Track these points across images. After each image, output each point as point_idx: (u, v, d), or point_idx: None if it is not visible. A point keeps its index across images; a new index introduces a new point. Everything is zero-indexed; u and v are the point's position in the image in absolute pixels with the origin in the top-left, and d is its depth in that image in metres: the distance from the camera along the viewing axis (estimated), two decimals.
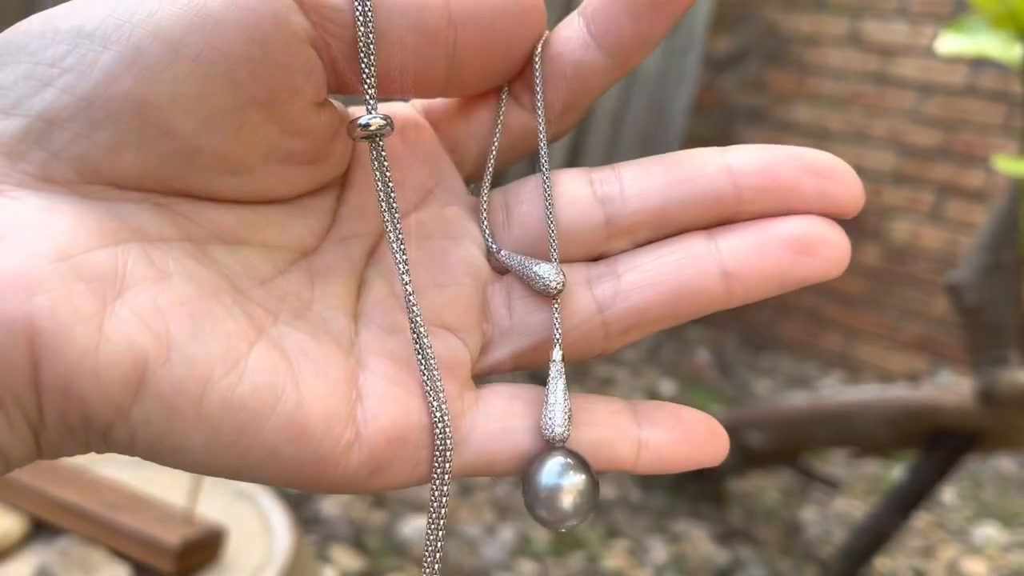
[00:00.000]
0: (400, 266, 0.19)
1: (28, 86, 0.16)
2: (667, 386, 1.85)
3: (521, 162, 0.23)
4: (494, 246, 0.21)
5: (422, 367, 0.19)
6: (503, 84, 0.21)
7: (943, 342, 1.96)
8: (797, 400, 1.32)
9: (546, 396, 0.20)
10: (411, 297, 0.19)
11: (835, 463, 1.59)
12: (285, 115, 0.17)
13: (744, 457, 1.32)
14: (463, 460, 0.19)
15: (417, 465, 0.19)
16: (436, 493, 0.19)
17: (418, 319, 0.19)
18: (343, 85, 0.19)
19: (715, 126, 2.26)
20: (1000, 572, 1.34)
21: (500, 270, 0.21)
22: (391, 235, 0.19)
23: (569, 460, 0.19)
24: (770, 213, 0.20)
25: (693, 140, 2.31)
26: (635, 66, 0.20)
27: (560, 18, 0.21)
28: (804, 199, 0.19)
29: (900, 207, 2.00)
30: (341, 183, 0.21)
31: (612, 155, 2.14)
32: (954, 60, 1.86)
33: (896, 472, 1.45)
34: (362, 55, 0.18)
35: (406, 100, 0.20)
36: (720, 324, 2.23)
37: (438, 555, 0.19)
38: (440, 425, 0.19)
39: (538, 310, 0.21)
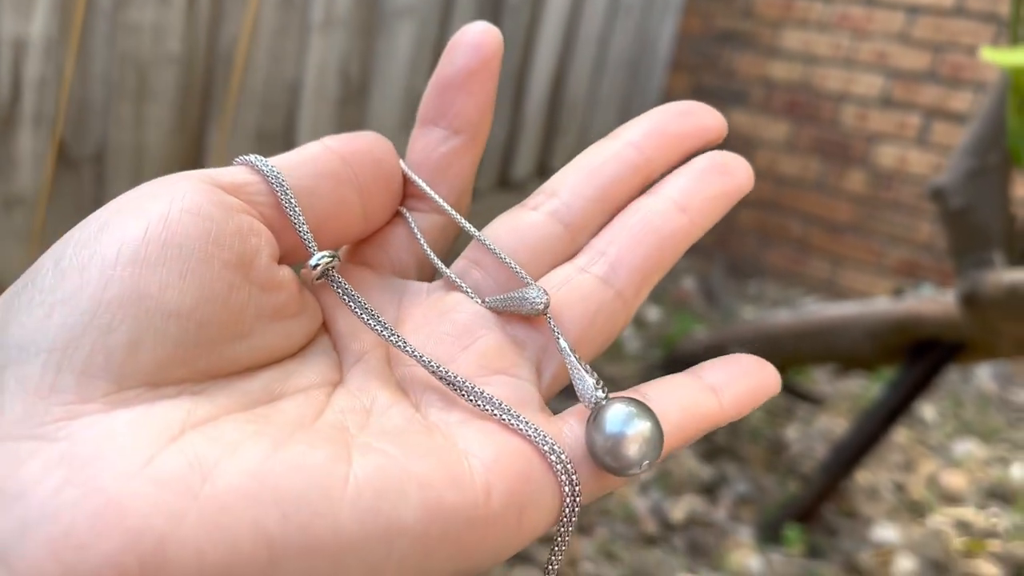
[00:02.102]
0: (416, 354, 0.21)
1: (29, 331, 0.17)
2: (653, 312, 1.85)
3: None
4: (477, 300, 0.23)
5: (496, 413, 0.20)
6: (399, 206, 0.24)
7: (928, 266, 1.97)
8: (781, 317, 1.32)
9: (571, 374, 0.21)
10: (444, 372, 0.21)
11: (818, 381, 1.61)
12: (257, 274, 0.19)
13: None
14: (584, 475, 0.20)
15: (550, 500, 0.19)
16: (567, 513, 0.19)
17: (460, 379, 0.21)
18: (287, 249, 0.21)
19: (701, 53, 2.23)
20: (979, 484, 1.37)
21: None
22: (385, 334, 0.21)
23: (633, 408, 0.20)
24: (674, 158, 0.24)
25: (679, 67, 2.28)
26: (488, 133, 0.24)
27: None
28: (688, 136, 0.24)
29: (887, 132, 1.99)
30: (324, 328, 0.22)
31: (598, 82, 2.11)
32: None
33: (877, 389, 1.47)
34: (287, 208, 0.20)
35: (336, 253, 0.22)
36: (706, 253, 2.23)
37: None
38: (551, 451, 0.19)
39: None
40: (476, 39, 0.23)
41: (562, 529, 0.19)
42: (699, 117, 0.25)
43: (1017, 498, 1.33)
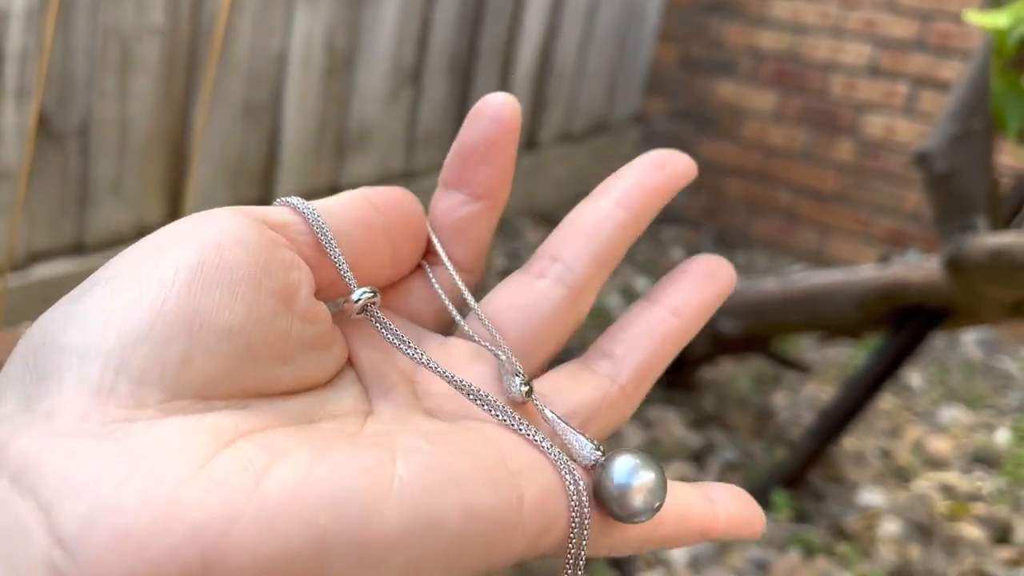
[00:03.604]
0: (450, 376, 0.22)
1: (89, 336, 0.17)
2: (641, 283, 1.86)
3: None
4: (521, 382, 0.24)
5: (523, 430, 0.21)
6: (422, 260, 0.25)
7: (915, 235, 1.98)
8: (767, 286, 1.33)
9: (564, 438, 0.22)
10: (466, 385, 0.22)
11: (805, 349, 1.62)
12: (298, 304, 0.20)
13: (717, 345, 1.34)
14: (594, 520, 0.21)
15: (563, 518, 0.20)
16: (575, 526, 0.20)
17: (491, 397, 0.22)
18: (322, 286, 0.22)
19: (689, 23, 2.22)
20: (964, 450, 1.38)
21: None
22: (423, 360, 0.22)
23: (638, 459, 0.21)
24: (657, 207, 0.26)
25: (667, 38, 2.27)
26: (507, 197, 0.25)
27: None
28: (667, 187, 0.26)
29: (875, 101, 1.99)
30: (349, 362, 0.23)
31: (585, 53, 2.10)
32: None
33: (864, 356, 1.48)
34: (328, 250, 0.21)
35: (376, 289, 0.23)
36: (694, 224, 2.23)
37: None
38: (568, 473, 0.20)
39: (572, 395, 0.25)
40: (496, 111, 0.24)
41: (570, 560, 0.21)
42: (674, 166, 0.27)
43: (1001, 462, 1.35)
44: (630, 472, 0.21)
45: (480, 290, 0.26)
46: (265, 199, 1.43)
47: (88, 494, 0.15)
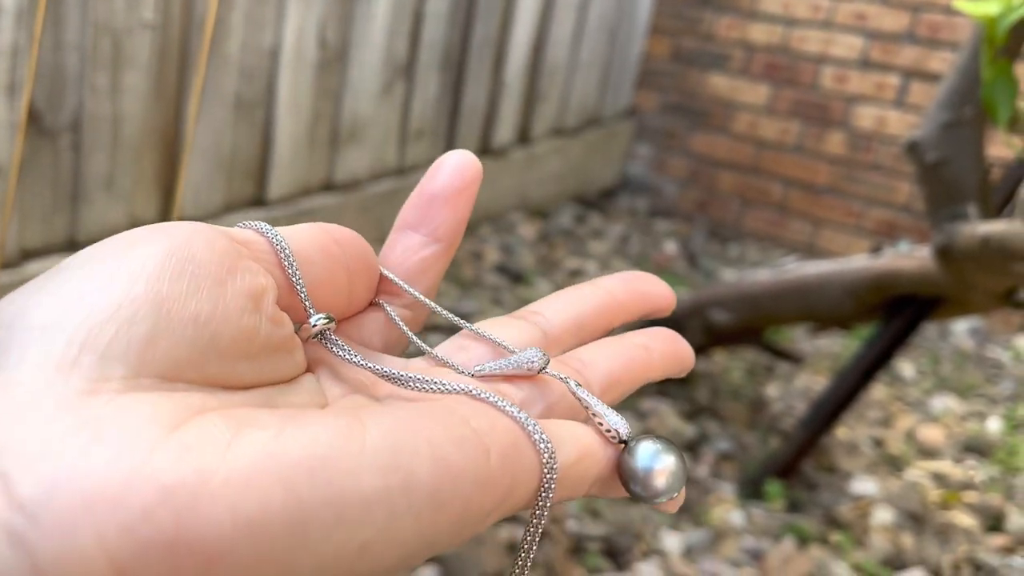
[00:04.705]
0: (416, 339, 0.24)
1: (56, 312, 0.17)
2: None
3: None
4: (466, 372, 0.25)
5: (488, 396, 0.22)
6: (375, 297, 0.26)
7: (906, 226, 1.99)
8: (760, 277, 1.33)
9: (594, 416, 0.23)
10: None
11: (798, 340, 1.62)
12: (265, 307, 0.20)
13: (710, 336, 1.34)
14: (559, 461, 0.21)
15: (533, 471, 0.21)
16: (542, 495, 0.21)
17: (455, 384, 0.22)
18: (283, 308, 0.22)
19: (681, 17, 2.23)
20: (956, 439, 1.39)
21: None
22: (386, 373, 0.23)
23: (659, 445, 0.22)
24: (636, 311, 0.29)
25: (659, 32, 2.27)
26: (459, 243, 0.27)
27: None
28: (648, 300, 0.29)
29: (866, 94, 2.00)
30: (308, 368, 0.24)
31: (578, 47, 2.10)
32: None
33: (856, 346, 1.49)
34: (288, 268, 0.22)
35: (332, 316, 0.24)
36: (687, 217, 2.24)
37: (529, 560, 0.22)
38: (535, 430, 0.21)
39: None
40: (459, 163, 0.26)
41: (537, 511, 0.21)
42: (659, 289, 0.30)
43: (993, 451, 1.36)
44: (653, 456, 0.22)
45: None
46: (258, 194, 1.43)
47: (49, 460, 0.15)
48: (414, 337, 0.26)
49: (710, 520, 1.13)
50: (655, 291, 0.30)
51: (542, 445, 0.21)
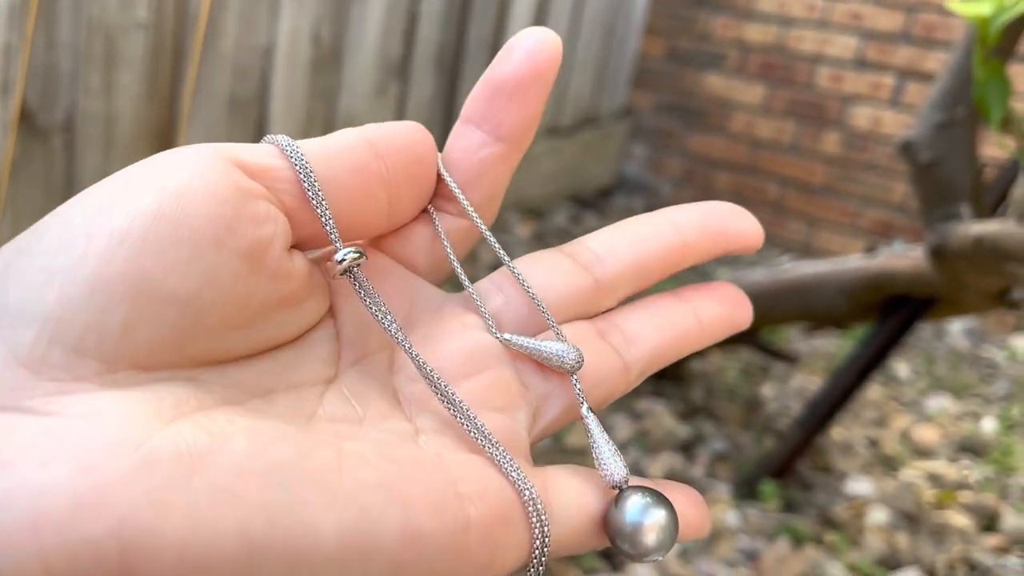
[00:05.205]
0: (426, 370, 0.20)
1: (27, 296, 0.16)
2: None
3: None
4: (496, 333, 0.23)
5: (489, 450, 0.20)
6: (427, 204, 0.23)
7: (902, 226, 1.99)
8: (756, 276, 1.33)
9: (594, 450, 0.22)
10: (446, 388, 0.20)
11: (793, 340, 1.62)
12: (267, 263, 0.18)
13: None
14: (555, 534, 0.20)
15: (520, 547, 0.19)
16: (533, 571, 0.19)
17: (463, 405, 0.20)
18: (303, 237, 0.20)
19: (676, 16, 2.22)
20: (951, 438, 1.39)
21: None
22: (403, 344, 0.20)
23: (648, 498, 0.21)
24: (706, 252, 0.25)
25: (654, 31, 2.27)
26: (530, 143, 0.23)
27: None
28: (728, 237, 0.25)
29: (861, 93, 2.00)
30: (330, 313, 0.22)
31: (573, 45, 2.10)
32: None
33: (851, 347, 1.49)
34: (313, 201, 0.19)
35: (363, 251, 0.21)
36: None
37: None
38: (531, 500, 0.19)
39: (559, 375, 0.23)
40: (532, 46, 0.22)
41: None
42: (743, 225, 0.26)
43: (988, 451, 1.36)
44: (642, 510, 0.20)
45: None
46: None
47: (7, 472, 0.14)
48: (457, 266, 0.23)
49: None
50: (738, 228, 0.25)
51: (535, 520, 0.19)
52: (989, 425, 1.45)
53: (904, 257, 1.08)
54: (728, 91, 2.17)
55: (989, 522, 1.19)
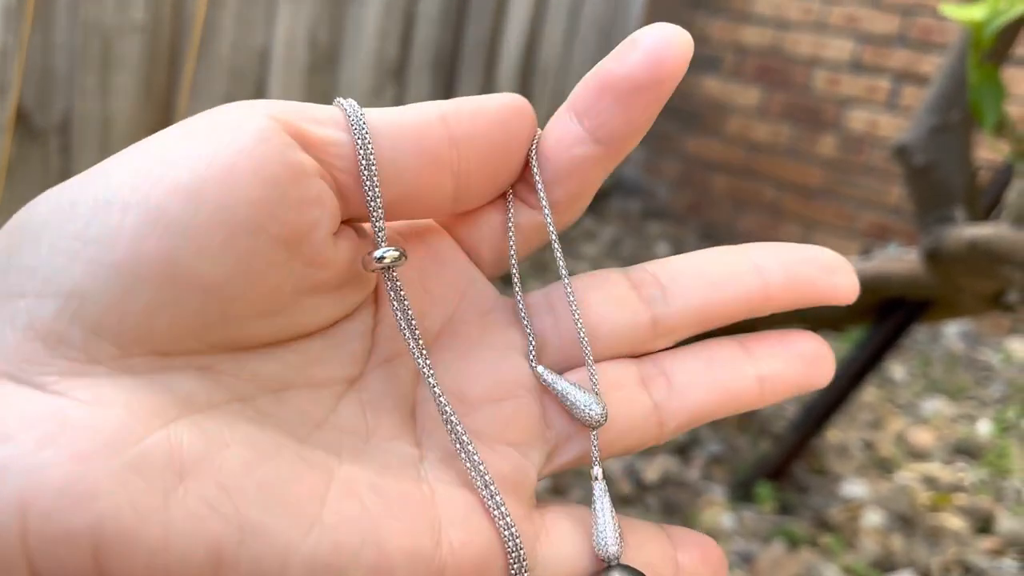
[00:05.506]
0: (442, 400, 0.19)
1: (55, 264, 0.15)
2: None
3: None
4: (532, 362, 0.21)
5: (485, 494, 0.19)
6: (507, 190, 0.21)
7: (898, 229, 1.99)
8: None
9: (594, 516, 0.21)
10: (460, 429, 0.19)
11: None
12: (307, 249, 0.17)
13: (701, 339, 1.34)
14: None
15: None
16: None
17: (466, 439, 0.19)
18: (354, 213, 0.19)
19: (673, 18, 2.23)
20: (946, 441, 1.39)
21: None
22: (421, 365, 0.19)
23: None
24: (791, 305, 0.22)
25: None
26: (630, 151, 0.21)
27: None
28: (819, 292, 0.22)
29: (857, 96, 2.00)
30: (374, 300, 0.21)
31: (570, 48, 2.10)
32: None
33: (847, 349, 1.49)
34: (366, 187, 0.18)
35: (404, 252, 0.20)
36: (680, 218, 2.24)
37: None
38: (515, 553, 0.18)
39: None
40: (655, 45, 0.19)
41: None
42: (838, 278, 0.22)
43: (983, 453, 1.36)
44: None
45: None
46: None
47: (8, 445, 0.14)
48: (515, 274, 0.21)
49: (701, 523, 1.13)
50: (831, 284, 0.22)
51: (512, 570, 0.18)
52: (984, 428, 1.45)
53: (900, 260, 1.08)
54: (725, 94, 2.17)
55: (984, 524, 1.19)
